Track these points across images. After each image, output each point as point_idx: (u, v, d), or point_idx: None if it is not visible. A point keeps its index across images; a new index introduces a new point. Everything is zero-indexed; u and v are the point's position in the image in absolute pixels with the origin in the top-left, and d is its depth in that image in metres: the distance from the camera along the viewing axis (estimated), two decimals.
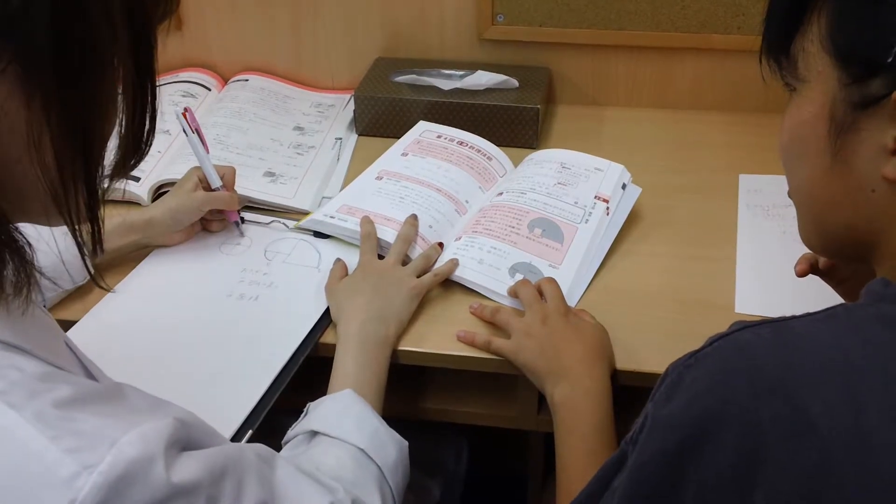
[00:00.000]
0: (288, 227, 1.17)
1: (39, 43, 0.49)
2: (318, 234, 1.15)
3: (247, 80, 1.47)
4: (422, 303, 1.01)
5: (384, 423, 0.85)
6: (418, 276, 1.02)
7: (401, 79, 1.37)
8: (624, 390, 0.92)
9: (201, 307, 1.04)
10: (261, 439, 0.75)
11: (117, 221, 1.05)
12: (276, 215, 1.19)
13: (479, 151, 1.26)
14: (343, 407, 0.85)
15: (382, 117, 1.36)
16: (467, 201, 1.18)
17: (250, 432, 0.87)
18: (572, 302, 1.03)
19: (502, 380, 1.00)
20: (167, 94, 1.42)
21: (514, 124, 1.32)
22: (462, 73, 1.37)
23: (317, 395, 0.87)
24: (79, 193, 0.55)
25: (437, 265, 1.05)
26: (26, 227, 0.56)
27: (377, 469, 0.80)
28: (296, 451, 0.82)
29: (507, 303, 1.02)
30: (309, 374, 0.94)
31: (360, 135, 1.38)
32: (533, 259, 1.06)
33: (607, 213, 1.13)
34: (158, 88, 0.59)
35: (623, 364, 0.93)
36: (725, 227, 1.15)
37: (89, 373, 0.66)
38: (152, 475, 0.52)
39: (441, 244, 1.10)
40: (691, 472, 0.54)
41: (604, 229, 1.12)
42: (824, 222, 0.66)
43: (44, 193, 0.54)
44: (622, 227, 1.12)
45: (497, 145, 1.27)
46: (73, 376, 0.56)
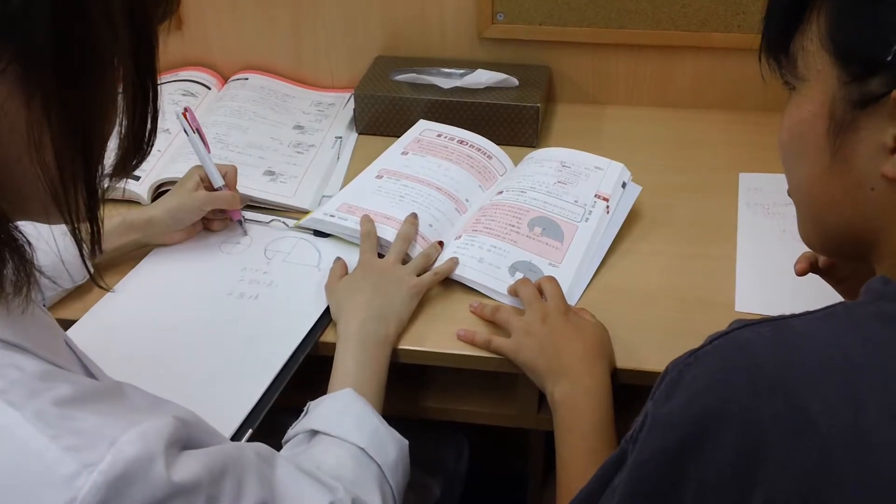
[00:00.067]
0: (288, 225, 1.17)
1: (39, 43, 0.49)
2: (318, 233, 1.15)
3: (247, 79, 1.47)
4: (422, 301, 1.01)
5: (384, 422, 0.85)
6: (418, 275, 1.02)
7: (401, 77, 1.37)
8: (624, 389, 0.92)
9: (201, 306, 1.04)
10: (261, 438, 0.75)
11: (117, 220, 1.05)
12: (276, 214, 1.19)
13: (480, 150, 1.26)
14: (343, 406, 0.85)
15: (382, 116, 1.36)
16: (467, 200, 1.18)
17: (250, 431, 0.87)
18: (572, 300, 1.03)
19: (502, 378, 1.00)
20: (167, 92, 1.42)
21: (514, 123, 1.32)
22: (462, 71, 1.37)
23: (317, 394, 0.87)
24: (79, 193, 0.55)
25: (437, 264, 1.05)
26: (26, 226, 0.56)
27: (377, 468, 0.80)
28: (296, 451, 0.82)
29: (508, 301, 1.02)
30: (309, 373, 0.94)
31: (360, 133, 1.38)
32: (533, 258, 1.06)
33: (607, 212, 1.13)
34: (159, 88, 0.59)
35: (623, 362, 0.93)
36: (725, 225, 1.15)
37: (89, 372, 0.66)
38: (152, 474, 0.52)
39: (441, 243, 1.09)
40: (691, 470, 0.54)
41: (604, 228, 1.11)
42: (824, 221, 0.66)
43: (44, 193, 0.54)
44: (622, 226, 1.12)
45: (497, 144, 1.27)
46: (72, 375, 0.56)
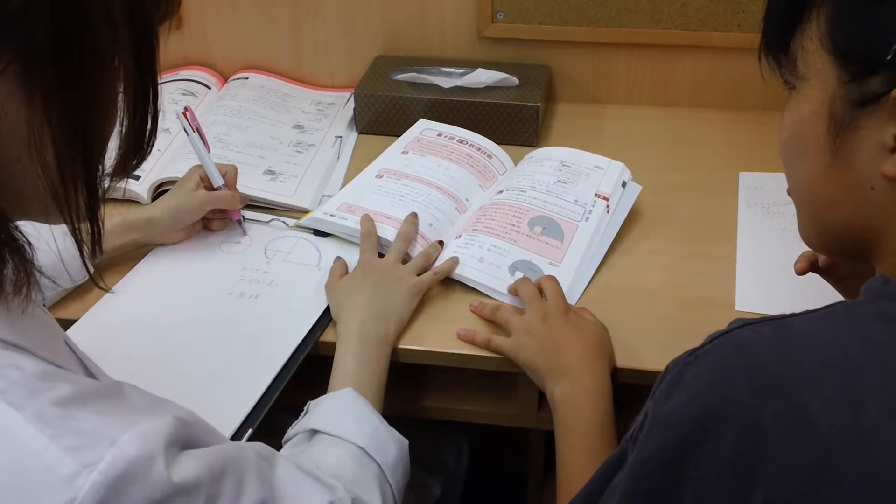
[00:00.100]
0: (288, 225, 1.17)
1: (39, 43, 0.49)
2: (318, 233, 1.15)
3: (247, 79, 1.47)
4: (422, 301, 1.01)
5: (384, 421, 0.85)
6: (418, 275, 1.02)
7: (401, 77, 1.37)
8: (624, 388, 0.92)
9: (201, 306, 1.04)
10: (261, 438, 0.75)
11: (117, 220, 1.05)
12: (276, 213, 1.19)
13: (480, 149, 1.26)
14: (343, 405, 0.85)
15: (382, 115, 1.36)
16: (467, 199, 1.18)
17: (250, 431, 0.87)
18: (572, 300, 1.03)
19: (502, 378, 1.00)
20: (167, 92, 1.42)
21: (514, 122, 1.32)
22: (462, 71, 1.37)
23: (317, 394, 0.87)
24: (79, 193, 0.55)
25: (438, 263, 1.05)
26: (26, 226, 0.56)
27: (377, 468, 0.80)
28: (296, 450, 0.82)
29: (508, 301, 1.02)
30: (309, 373, 0.94)
31: (360, 133, 1.38)
32: (533, 257, 1.06)
33: (607, 211, 1.13)
34: (159, 87, 0.59)
35: (623, 362, 0.93)
36: (725, 224, 1.15)
37: (89, 371, 0.66)
38: (152, 474, 0.52)
39: (441, 242, 1.09)
40: (691, 469, 0.54)
41: (604, 227, 1.11)
42: (824, 220, 0.66)
43: (44, 193, 0.54)
44: (622, 225, 1.12)
45: (497, 143, 1.27)
46: (72, 375, 0.56)
